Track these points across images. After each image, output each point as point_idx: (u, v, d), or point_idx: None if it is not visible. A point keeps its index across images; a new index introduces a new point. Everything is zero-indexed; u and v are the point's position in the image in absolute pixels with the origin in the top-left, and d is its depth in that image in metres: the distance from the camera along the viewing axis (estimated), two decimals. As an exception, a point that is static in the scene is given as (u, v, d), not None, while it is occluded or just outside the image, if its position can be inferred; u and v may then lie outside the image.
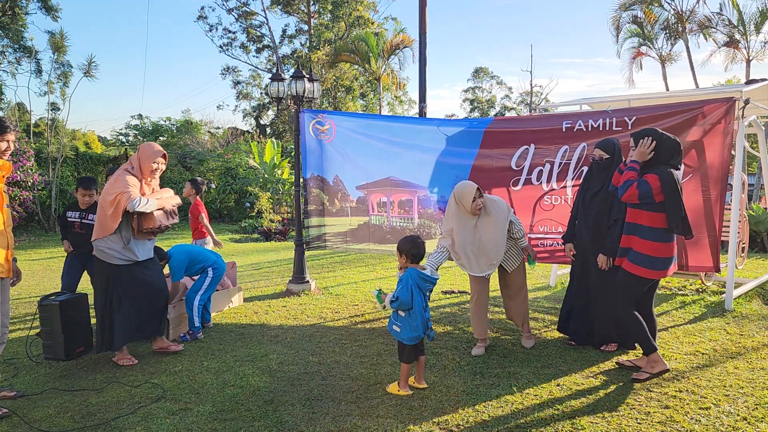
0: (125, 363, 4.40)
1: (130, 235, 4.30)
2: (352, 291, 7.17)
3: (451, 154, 6.36)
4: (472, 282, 4.66)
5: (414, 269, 3.75)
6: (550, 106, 8.86)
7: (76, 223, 5.38)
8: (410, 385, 3.81)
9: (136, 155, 4.44)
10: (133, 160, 4.40)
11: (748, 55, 20.60)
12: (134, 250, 4.32)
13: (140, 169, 4.36)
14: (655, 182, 3.78)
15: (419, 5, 10.02)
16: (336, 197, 6.99)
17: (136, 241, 4.34)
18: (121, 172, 4.29)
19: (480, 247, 4.47)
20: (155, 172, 4.38)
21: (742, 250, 7.30)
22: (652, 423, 3.27)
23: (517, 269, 4.68)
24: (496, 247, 4.46)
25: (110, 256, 4.27)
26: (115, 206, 4.16)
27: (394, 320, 3.80)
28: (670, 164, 3.88)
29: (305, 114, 6.90)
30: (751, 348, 4.56)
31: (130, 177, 4.26)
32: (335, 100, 27.59)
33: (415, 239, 3.81)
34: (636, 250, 3.92)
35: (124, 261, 4.31)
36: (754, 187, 17.86)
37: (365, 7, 27.93)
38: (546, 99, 34.95)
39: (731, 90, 6.15)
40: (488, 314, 4.89)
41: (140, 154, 4.38)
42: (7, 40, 18.85)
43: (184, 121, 25.01)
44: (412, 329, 3.71)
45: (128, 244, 4.29)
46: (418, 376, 3.87)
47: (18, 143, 13.36)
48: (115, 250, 4.27)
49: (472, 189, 4.37)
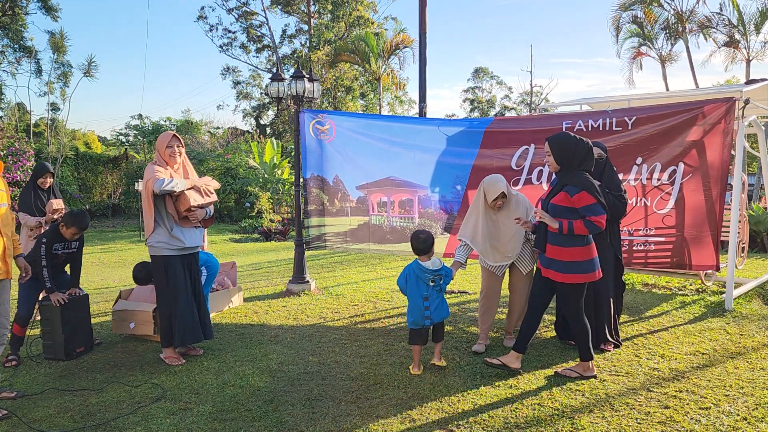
0: (174, 362, 4.41)
1: (173, 223, 4.33)
2: (352, 291, 7.17)
3: (452, 154, 6.36)
4: (483, 277, 4.73)
5: (415, 261, 4.12)
6: (550, 106, 8.87)
7: (60, 254, 4.66)
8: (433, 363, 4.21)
9: (155, 147, 4.51)
10: (156, 154, 4.46)
11: (748, 55, 20.60)
12: (180, 236, 4.35)
13: (161, 158, 4.41)
14: (589, 198, 3.73)
15: (419, 5, 10.02)
16: (336, 197, 6.99)
17: (181, 228, 4.37)
18: (149, 165, 4.35)
19: (498, 239, 4.56)
20: (174, 155, 4.39)
21: (742, 250, 7.30)
22: (652, 423, 3.27)
23: (529, 273, 4.64)
24: (512, 242, 4.54)
25: (159, 249, 4.33)
26: (148, 194, 4.22)
27: None
28: (581, 168, 3.84)
29: (305, 114, 6.90)
30: (751, 348, 4.56)
31: (156, 166, 4.32)
32: (335, 100, 27.58)
33: (417, 234, 4.12)
34: (560, 259, 3.83)
35: (172, 250, 4.34)
36: (754, 187, 17.86)
37: (365, 7, 27.91)
38: (546, 99, 34.94)
39: (731, 90, 6.16)
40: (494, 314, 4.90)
41: (156, 144, 4.45)
42: (7, 40, 18.87)
43: (184, 121, 24.95)
44: (411, 314, 4.12)
45: (172, 231, 4.32)
46: (436, 355, 4.25)
47: (18, 143, 13.38)
48: (162, 242, 4.31)
49: (499, 189, 4.42)
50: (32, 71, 18.69)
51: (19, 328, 4.50)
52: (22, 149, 13.36)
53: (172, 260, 4.36)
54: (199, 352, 4.67)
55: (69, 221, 4.55)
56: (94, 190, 18.91)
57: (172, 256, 4.36)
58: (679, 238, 5.69)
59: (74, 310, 4.65)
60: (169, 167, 4.39)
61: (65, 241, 4.61)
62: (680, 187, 5.63)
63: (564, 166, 3.87)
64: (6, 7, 18.09)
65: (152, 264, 4.47)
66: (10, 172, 12.85)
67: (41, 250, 4.44)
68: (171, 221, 4.33)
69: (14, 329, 4.44)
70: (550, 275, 3.90)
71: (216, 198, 4.57)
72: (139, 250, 12.06)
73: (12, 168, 12.99)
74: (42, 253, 4.44)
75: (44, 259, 4.43)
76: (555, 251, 3.85)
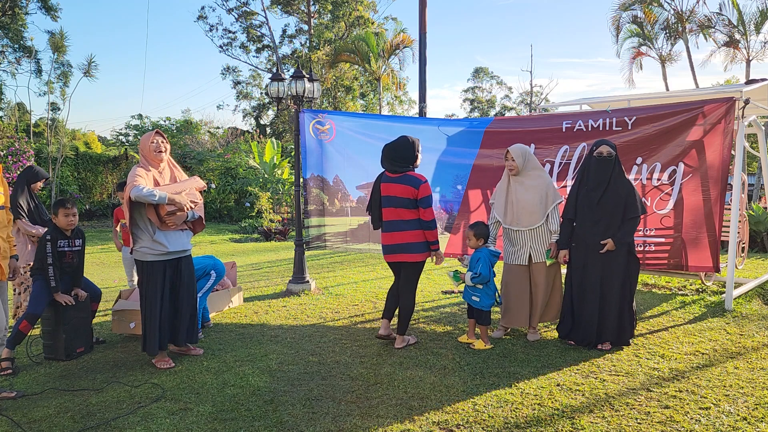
0: (163, 366, 4.34)
1: (155, 227, 4.21)
2: (352, 291, 7.17)
3: (452, 153, 6.37)
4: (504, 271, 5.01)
5: (486, 248, 4.66)
6: (550, 106, 8.87)
7: (68, 252, 4.59)
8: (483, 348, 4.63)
9: (138, 148, 4.43)
10: (140, 154, 4.38)
11: (748, 55, 20.60)
12: (162, 240, 4.22)
13: (145, 158, 4.32)
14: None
15: (419, 5, 10.03)
16: (336, 197, 6.99)
17: (164, 233, 4.24)
18: (132, 168, 4.26)
19: (515, 206, 4.85)
20: (159, 153, 4.29)
21: (742, 250, 7.30)
22: (652, 423, 3.27)
23: (549, 268, 4.83)
24: (526, 212, 4.80)
25: (143, 254, 4.23)
26: (126, 200, 4.11)
27: (472, 293, 4.66)
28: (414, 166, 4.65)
29: (305, 114, 6.90)
30: (751, 348, 4.56)
31: (139, 169, 4.21)
32: (335, 100, 27.59)
33: (480, 223, 4.76)
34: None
35: (155, 255, 4.22)
36: (754, 187, 17.87)
37: (365, 7, 27.93)
38: (546, 99, 34.96)
39: (731, 90, 6.15)
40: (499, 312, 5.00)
41: (140, 145, 4.37)
42: (7, 40, 18.88)
43: (184, 121, 24.99)
44: (490, 297, 4.61)
45: (155, 236, 4.20)
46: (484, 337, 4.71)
47: (18, 143, 13.39)
48: (145, 246, 4.22)
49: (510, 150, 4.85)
50: (32, 71, 18.71)
51: (27, 325, 4.43)
52: (22, 149, 13.36)
53: (153, 265, 4.24)
54: (199, 352, 4.66)
55: (56, 206, 4.57)
56: (94, 190, 18.91)
57: (155, 262, 4.24)
58: (678, 239, 5.69)
59: (75, 309, 4.65)
60: (153, 169, 4.27)
61: (68, 238, 4.59)
62: (680, 187, 5.63)
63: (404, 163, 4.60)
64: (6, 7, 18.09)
65: (137, 269, 4.37)
66: (10, 172, 12.84)
67: (46, 248, 4.43)
68: (153, 226, 4.22)
69: (22, 326, 4.40)
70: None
71: (199, 201, 4.45)
72: (139, 250, 12.05)
73: (12, 168, 13.00)
74: (48, 251, 4.42)
75: (50, 257, 4.41)
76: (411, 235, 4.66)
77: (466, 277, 4.61)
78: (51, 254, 4.41)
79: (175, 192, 4.26)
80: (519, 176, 4.83)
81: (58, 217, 4.53)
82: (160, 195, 4.08)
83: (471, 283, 4.60)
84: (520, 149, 4.86)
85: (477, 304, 4.63)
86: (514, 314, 4.90)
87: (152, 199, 4.04)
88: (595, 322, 4.57)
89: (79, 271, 4.76)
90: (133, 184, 4.05)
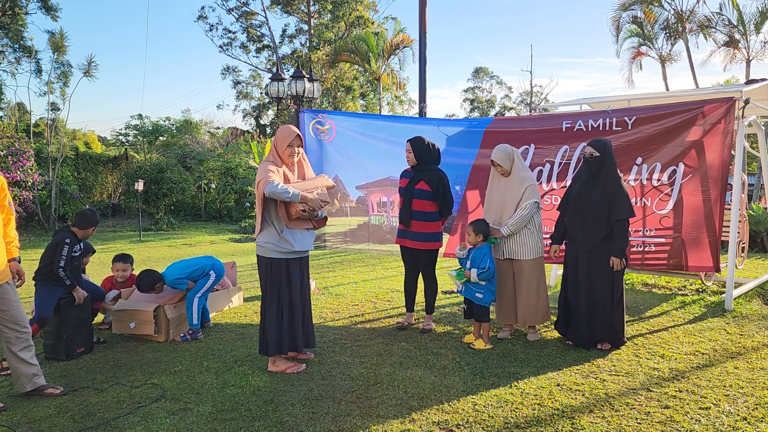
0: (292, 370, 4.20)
1: (283, 225, 4.11)
2: (352, 291, 7.17)
3: (452, 153, 6.35)
4: None
5: (487, 244, 4.72)
6: (550, 106, 8.87)
7: (77, 257, 4.69)
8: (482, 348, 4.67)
9: (273, 142, 4.30)
10: (272, 148, 4.27)
11: (747, 55, 20.60)
12: (290, 239, 4.13)
13: (277, 155, 4.22)
14: None
15: (419, 5, 10.03)
16: (336, 197, 6.99)
17: (291, 231, 4.15)
18: (263, 162, 4.17)
19: (496, 201, 4.96)
20: (293, 155, 4.20)
21: (742, 250, 7.30)
22: (652, 423, 3.27)
23: (530, 263, 4.81)
24: (499, 209, 4.89)
25: (267, 249, 4.15)
26: (259, 194, 4.02)
27: (475, 289, 4.68)
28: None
29: (305, 114, 6.89)
30: (751, 348, 4.56)
31: (270, 165, 4.11)
32: (335, 100, 27.59)
33: (482, 221, 4.80)
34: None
35: (280, 253, 4.14)
36: (754, 187, 17.88)
37: (365, 7, 27.94)
38: (546, 99, 34.95)
39: (731, 90, 6.15)
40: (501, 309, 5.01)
41: (275, 139, 4.25)
42: (7, 40, 18.88)
43: (183, 121, 24.99)
44: (492, 293, 4.69)
45: (282, 233, 4.11)
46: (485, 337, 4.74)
47: (18, 143, 13.37)
48: (270, 243, 4.13)
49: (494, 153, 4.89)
50: (32, 71, 18.70)
51: (36, 329, 4.41)
52: (22, 149, 13.33)
53: (277, 263, 4.16)
54: (309, 356, 4.50)
55: (84, 222, 4.66)
56: (94, 190, 18.91)
57: (279, 260, 4.16)
58: (677, 239, 5.69)
59: (75, 310, 4.65)
60: (284, 165, 4.18)
61: (79, 242, 4.68)
62: (680, 188, 5.63)
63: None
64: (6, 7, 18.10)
65: (258, 263, 4.28)
66: (10, 172, 12.83)
67: (63, 251, 4.46)
68: (281, 223, 4.10)
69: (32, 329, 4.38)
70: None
71: (329, 201, 4.37)
72: (139, 250, 12.08)
73: (12, 168, 12.98)
74: (63, 253, 4.46)
75: (63, 260, 4.46)
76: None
77: (472, 273, 4.61)
78: (65, 257, 4.48)
79: (308, 190, 4.13)
80: (509, 177, 4.86)
81: (81, 230, 4.66)
82: (293, 192, 3.95)
83: (477, 279, 4.62)
84: (502, 152, 4.82)
85: (480, 301, 4.67)
86: (503, 310, 4.96)
87: (286, 197, 3.93)
88: (586, 319, 4.59)
89: (79, 272, 4.83)
90: (267, 180, 3.93)
